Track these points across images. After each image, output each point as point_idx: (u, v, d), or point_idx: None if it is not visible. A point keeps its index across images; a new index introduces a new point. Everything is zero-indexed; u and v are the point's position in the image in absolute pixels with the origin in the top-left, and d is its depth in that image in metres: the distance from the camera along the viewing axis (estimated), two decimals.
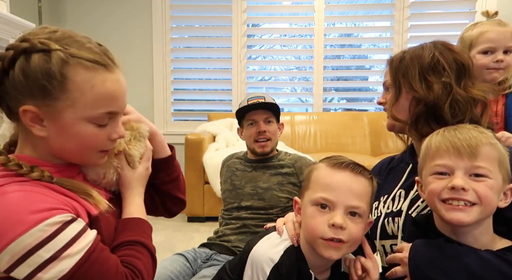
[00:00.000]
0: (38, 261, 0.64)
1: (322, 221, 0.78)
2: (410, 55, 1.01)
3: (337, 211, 0.79)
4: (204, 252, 1.48)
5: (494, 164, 0.76)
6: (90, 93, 0.71)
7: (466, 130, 0.79)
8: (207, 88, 3.86)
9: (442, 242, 0.79)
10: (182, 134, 3.06)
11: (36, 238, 0.64)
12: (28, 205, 0.66)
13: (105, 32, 3.57)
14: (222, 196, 1.69)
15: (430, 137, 0.83)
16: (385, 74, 1.09)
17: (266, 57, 3.88)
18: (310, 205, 0.81)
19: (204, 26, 3.74)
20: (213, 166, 2.63)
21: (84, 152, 0.77)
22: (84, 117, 0.72)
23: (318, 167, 0.85)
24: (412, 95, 0.98)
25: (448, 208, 0.76)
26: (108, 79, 0.74)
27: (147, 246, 0.80)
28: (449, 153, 0.77)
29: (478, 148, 0.75)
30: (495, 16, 1.52)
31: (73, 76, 0.70)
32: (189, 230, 2.63)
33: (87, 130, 0.73)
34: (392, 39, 3.54)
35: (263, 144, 1.58)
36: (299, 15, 3.81)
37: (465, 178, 0.75)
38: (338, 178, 0.81)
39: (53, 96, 0.69)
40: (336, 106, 4.32)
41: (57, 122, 0.72)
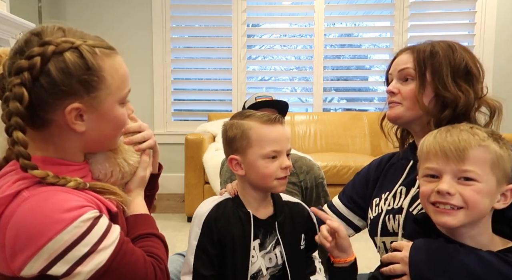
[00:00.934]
0: (77, 255, 0.66)
1: (275, 167, 0.95)
2: (443, 53, 0.98)
3: (284, 156, 0.97)
4: None
5: (485, 166, 0.75)
6: (117, 76, 0.77)
7: (457, 132, 0.78)
8: (207, 88, 3.86)
9: (443, 242, 0.79)
10: (182, 134, 3.06)
11: (74, 234, 0.66)
12: (61, 203, 0.67)
13: (105, 32, 3.56)
14: None
15: (424, 138, 0.84)
16: (403, 63, 1.02)
17: (266, 57, 3.88)
18: (261, 159, 0.95)
19: (204, 26, 3.74)
20: (213, 166, 2.63)
21: (117, 134, 0.83)
22: (117, 100, 0.78)
23: (252, 127, 0.97)
24: (437, 92, 0.97)
25: (436, 211, 0.78)
26: (121, 61, 0.80)
27: (159, 237, 0.86)
28: (437, 157, 0.78)
29: (466, 151, 0.75)
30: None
31: (103, 64, 0.74)
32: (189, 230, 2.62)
33: (120, 111, 0.79)
34: (392, 39, 3.54)
35: None
36: (299, 15, 3.81)
37: (452, 182, 0.76)
38: (278, 131, 0.97)
39: (96, 88, 0.73)
40: (336, 106, 4.32)
41: (98, 112, 0.75)
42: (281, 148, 0.96)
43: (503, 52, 3.44)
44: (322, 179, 1.56)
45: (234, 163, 0.99)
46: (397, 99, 1.02)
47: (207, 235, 0.95)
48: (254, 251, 0.97)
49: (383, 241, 1.01)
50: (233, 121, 1.00)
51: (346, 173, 2.67)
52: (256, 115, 0.99)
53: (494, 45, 3.43)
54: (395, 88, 1.02)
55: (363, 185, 1.17)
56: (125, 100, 0.81)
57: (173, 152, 3.55)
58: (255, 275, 0.96)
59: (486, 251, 0.76)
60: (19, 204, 0.67)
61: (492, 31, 3.42)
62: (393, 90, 1.02)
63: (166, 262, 0.82)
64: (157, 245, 0.83)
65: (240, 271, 0.94)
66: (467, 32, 3.50)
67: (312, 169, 1.58)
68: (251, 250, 0.95)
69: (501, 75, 3.44)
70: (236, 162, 0.99)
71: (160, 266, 0.78)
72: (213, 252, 0.94)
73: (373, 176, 1.15)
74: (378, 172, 1.14)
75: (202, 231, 0.96)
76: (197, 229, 0.97)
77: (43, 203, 0.67)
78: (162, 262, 0.80)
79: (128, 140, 0.88)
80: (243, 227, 0.96)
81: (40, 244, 0.64)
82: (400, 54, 1.05)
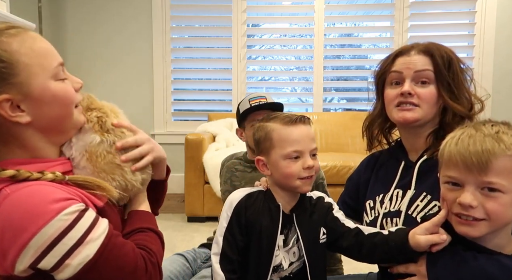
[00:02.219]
0: (64, 249, 0.66)
1: (297, 167, 0.97)
2: (455, 58, 1.01)
3: (307, 156, 0.98)
4: (203, 252, 1.48)
5: (510, 176, 0.71)
6: (34, 53, 0.72)
7: (481, 139, 0.73)
8: (207, 88, 3.86)
9: (460, 251, 0.77)
10: (182, 134, 3.06)
11: (58, 227, 0.65)
12: (44, 197, 0.67)
13: (105, 32, 3.58)
14: (222, 197, 1.69)
15: (445, 142, 0.79)
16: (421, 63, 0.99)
17: (266, 57, 3.88)
18: (282, 159, 0.98)
19: (204, 26, 3.74)
20: (213, 166, 2.63)
21: (69, 111, 0.78)
22: (47, 77, 0.73)
23: (275, 129, 1.00)
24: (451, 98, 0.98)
25: (458, 221, 0.76)
26: (34, 37, 0.74)
27: (156, 232, 0.86)
28: (459, 167, 0.74)
29: (489, 163, 0.70)
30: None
31: (10, 47, 0.70)
32: (189, 230, 2.63)
33: (58, 87, 0.75)
34: (392, 39, 3.54)
35: None
36: (299, 15, 3.81)
37: (474, 193, 0.72)
38: (299, 132, 0.98)
39: (12, 74, 0.70)
40: (336, 106, 4.31)
41: (33, 97, 0.72)
42: (303, 148, 0.98)
43: (503, 52, 3.44)
44: (322, 179, 1.55)
45: (261, 164, 1.03)
46: (415, 101, 0.98)
47: (236, 221, 0.97)
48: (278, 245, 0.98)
49: None
50: (259, 124, 1.05)
51: (346, 173, 2.66)
52: (279, 117, 1.02)
53: (494, 45, 3.43)
54: (412, 89, 0.99)
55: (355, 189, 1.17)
56: (59, 75, 0.76)
57: (173, 152, 3.54)
58: (275, 268, 0.98)
59: (505, 256, 0.74)
60: (1, 202, 0.66)
61: (492, 31, 3.41)
62: (411, 92, 0.98)
63: (159, 257, 0.81)
64: (152, 240, 0.82)
65: (263, 262, 0.95)
66: (467, 32, 3.50)
67: None
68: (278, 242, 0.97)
69: (501, 75, 3.44)
70: (262, 163, 1.03)
71: (152, 260, 0.77)
72: (240, 238, 0.96)
73: (363, 177, 1.14)
74: (367, 173, 1.13)
75: (232, 216, 0.97)
76: (227, 213, 0.98)
77: (25, 198, 0.66)
78: (154, 256, 0.79)
79: (125, 158, 0.83)
80: (272, 218, 0.98)
81: (25, 240, 0.64)
82: (406, 53, 1.02)
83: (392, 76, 1.04)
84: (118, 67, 3.60)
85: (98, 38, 3.59)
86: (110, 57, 3.59)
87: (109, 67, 3.59)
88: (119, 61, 3.60)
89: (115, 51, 3.60)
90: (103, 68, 3.60)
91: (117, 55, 3.60)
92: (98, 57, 3.59)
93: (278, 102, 1.60)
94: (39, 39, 0.75)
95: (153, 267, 0.77)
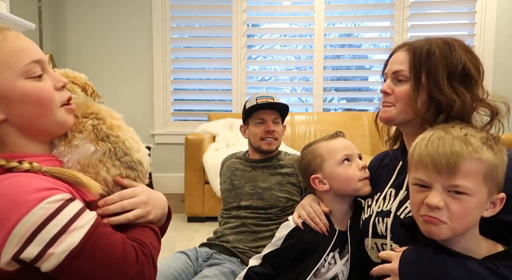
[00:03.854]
0: (47, 237, 0.65)
1: (353, 169, 1.07)
2: (439, 53, 0.94)
3: (357, 159, 1.09)
4: (205, 252, 1.48)
5: (477, 179, 0.72)
6: (2, 51, 0.71)
7: (450, 141, 0.74)
8: (207, 88, 3.86)
9: (431, 253, 0.77)
10: (182, 134, 3.06)
11: (41, 215, 0.65)
12: (26, 186, 0.66)
13: (105, 32, 3.58)
14: (222, 196, 1.69)
15: (416, 143, 0.80)
16: (398, 62, 0.99)
17: (266, 57, 3.88)
18: (337, 166, 1.07)
19: (204, 26, 3.74)
20: (213, 166, 2.63)
21: (47, 110, 0.76)
22: (15, 75, 0.72)
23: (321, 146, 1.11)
24: (431, 95, 0.93)
25: (424, 220, 0.76)
26: (6, 37, 0.73)
27: (153, 229, 0.83)
28: (428, 169, 0.75)
29: (458, 165, 0.71)
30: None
31: None
32: (189, 230, 2.63)
33: (29, 86, 0.73)
34: (392, 39, 3.54)
35: (270, 142, 1.58)
36: (299, 15, 3.81)
37: (442, 195, 0.73)
38: (342, 141, 1.11)
39: None
40: (336, 106, 4.31)
41: (0, 95, 0.71)
42: (351, 152, 1.08)
43: (503, 52, 3.44)
44: None
45: (317, 182, 1.10)
46: (391, 100, 0.99)
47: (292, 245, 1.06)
48: (333, 259, 1.06)
49: (375, 242, 1.00)
50: (303, 152, 1.15)
51: None
52: (318, 139, 1.14)
53: (494, 45, 3.43)
54: (389, 88, 0.99)
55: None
56: (31, 73, 0.73)
57: (173, 152, 3.55)
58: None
59: (476, 262, 0.74)
60: None
61: (492, 31, 3.41)
62: (387, 90, 0.99)
63: (152, 249, 0.78)
64: (145, 233, 0.80)
65: (304, 271, 1.03)
66: (467, 32, 3.50)
67: None
68: (329, 258, 1.05)
69: (501, 75, 3.44)
70: (318, 180, 1.09)
71: (144, 251, 0.75)
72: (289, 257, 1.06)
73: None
74: (372, 173, 1.14)
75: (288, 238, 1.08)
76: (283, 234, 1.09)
77: (8, 188, 0.66)
78: (147, 247, 0.77)
79: (101, 212, 0.77)
80: (325, 243, 1.05)
81: (8, 228, 0.63)
82: (397, 51, 1.02)
83: (384, 77, 1.06)
84: (118, 67, 3.60)
85: (98, 38, 3.59)
86: (110, 57, 3.60)
87: (109, 67, 3.59)
88: (119, 61, 3.60)
89: (115, 51, 3.60)
90: (103, 68, 3.60)
91: (117, 55, 3.60)
92: (98, 57, 3.59)
93: (283, 103, 1.61)
94: (14, 38, 0.74)
95: (146, 258, 0.75)
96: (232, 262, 1.41)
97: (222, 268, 1.35)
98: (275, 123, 1.59)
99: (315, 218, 1.07)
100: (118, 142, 0.83)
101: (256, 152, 1.63)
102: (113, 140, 0.83)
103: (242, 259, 1.44)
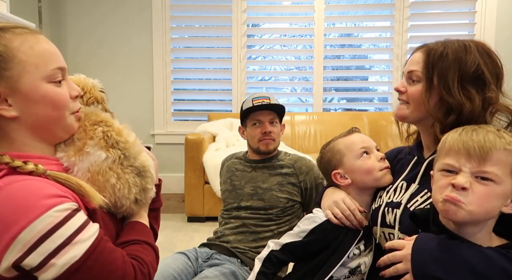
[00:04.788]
0: (51, 247, 0.64)
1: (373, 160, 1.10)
2: (453, 55, 0.95)
3: (375, 151, 1.12)
4: (204, 252, 1.48)
5: (506, 169, 0.75)
6: (32, 53, 0.74)
7: (484, 132, 0.77)
8: (207, 88, 3.86)
9: (445, 239, 0.79)
10: (182, 134, 3.06)
11: (48, 223, 0.64)
12: (36, 191, 0.66)
13: (105, 32, 3.58)
14: (222, 197, 1.69)
15: (448, 134, 0.83)
16: (414, 63, 1.01)
17: (266, 57, 3.88)
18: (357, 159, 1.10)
19: (204, 26, 3.73)
20: (213, 166, 2.63)
21: (60, 114, 0.78)
22: (40, 78, 0.75)
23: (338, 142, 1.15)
24: (441, 96, 0.95)
25: (445, 199, 0.77)
26: (39, 40, 0.76)
27: (152, 246, 0.84)
28: (460, 154, 0.77)
29: (490, 152, 0.75)
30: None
31: (10, 43, 0.72)
32: (189, 230, 2.63)
33: (49, 89, 0.76)
34: (392, 39, 3.54)
35: (268, 143, 1.58)
36: (299, 15, 3.81)
37: (469, 178, 0.75)
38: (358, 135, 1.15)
39: (4, 67, 0.71)
40: (336, 106, 4.31)
41: (21, 93, 0.73)
42: (369, 144, 1.12)
43: (503, 52, 3.41)
44: (322, 179, 1.55)
45: (338, 177, 1.14)
46: (404, 98, 1.03)
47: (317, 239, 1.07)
48: (358, 250, 1.07)
49: (382, 231, 1.03)
50: (322, 151, 1.19)
51: None
52: (335, 137, 1.17)
53: (494, 45, 3.41)
54: (403, 87, 1.03)
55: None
56: (54, 78, 0.77)
57: (173, 152, 3.55)
58: (354, 270, 1.06)
59: (487, 247, 0.76)
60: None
61: (492, 31, 3.41)
62: (400, 89, 1.03)
63: (151, 268, 0.78)
64: (145, 252, 0.80)
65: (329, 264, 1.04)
66: (467, 32, 3.50)
67: (312, 169, 1.58)
68: (354, 249, 1.06)
69: None
70: (340, 175, 1.13)
71: (142, 270, 0.75)
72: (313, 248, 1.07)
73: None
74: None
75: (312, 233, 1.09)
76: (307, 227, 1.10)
77: (17, 191, 0.65)
78: (146, 266, 0.77)
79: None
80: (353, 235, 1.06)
81: (14, 233, 0.63)
82: (416, 50, 1.04)
83: (403, 76, 1.09)
84: (118, 67, 3.60)
85: (98, 38, 3.59)
86: (110, 57, 3.60)
87: (109, 67, 3.59)
88: (119, 61, 3.60)
89: (115, 51, 3.60)
90: (103, 68, 3.60)
91: (117, 55, 3.60)
92: (98, 57, 3.59)
93: (279, 104, 1.60)
94: (44, 42, 0.77)
95: (143, 277, 0.75)
96: (232, 263, 1.41)
97: (222, 268, 1.35)
98: (272, 124, 1.59)
99: (350, 216, 1.06)
100: (127, 147, 0.84)
101: (255, 153, 1.63)
102: (122, 146, 0.83)
103: (242, 260, 1.44)
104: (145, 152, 0.90)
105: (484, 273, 0.73)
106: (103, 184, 0.79)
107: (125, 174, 0.82)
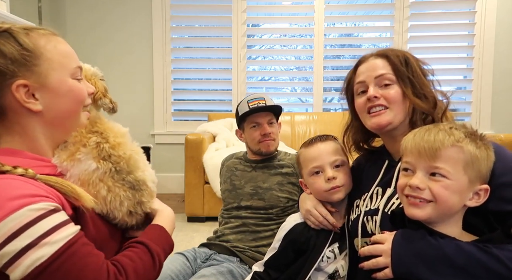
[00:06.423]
0: (19, 246, 0.63)
1: (320, 181, 1.10)
2: (410, 57, 1.02)
3: (328, 169, 1.09)
4: (203, 252, 1.48)
5: (457, 165, 0.79)
6: (56, 51, 0.80)
7: (435, 132, 0.82)
8: (207, 88, 3.86)
9: (424, 233, 0.81)
10: (182, 134, 3.06)
11: (18, 222, 0.63)
12: (11, 191, 0.65)
13: (105, 32, 3.58)
14: (222, 196, 1.69)
15: (407, 136, 0.88)
16: (379, 68, 1.01)
17: (266, 57, 3.88)
18: (309, 177, 1.12)
19: (204, 26, 3.73)
20: (213, 166, 2.63)
21: (78, 108, 0.84)
22: (66, 74, 0.81)
23: (300, 153, 1.16)
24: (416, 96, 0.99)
25: (407, 203, 0.83)
26: (59, 41, 0.83)
27: (150, 249, 0.80)
28: (413, 153, 0.83)
29: (439, 151, 0.79)
30: None
31: (37, 42, 0.78)
32: (189, 230, 2.63)
33: (74, 84, 0.82)
34: (392, 39, 3.54)
35: (268, 143, 1.58)
36: (299, 15, 3.81)
37: (423, 178, 0.81)
38: (315, 149, 1.12)
39: (34, 63, 0.76)
40: (336, 106, 4.31)
41: (48, 87, 0.78)
42: (321, 163, 1.10)
43: (503, 52, 3.44)
44: None
45: (304, 185, 1.19)
46: (383, 103, 0.99)
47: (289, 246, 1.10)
48: (332, 254, 1.08)
49: (365, 241, 1.01)
50: (297, 151, 1.21)
51: None
52: (306, 141, 1.18)
53: (494, 45, 3.43)
54: (377, 93, 1.00)
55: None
56: (76, 75, 0.83)
57: (173, 152, 3.55)
58: (332, 275, 1.07)
59: (466, 243, 0.78)
60: None
61: (492, 31, 3.42)
62: (376, 95, 0.99)
63: (131, 277, 0.73)
64: (136, 258, 0.76)
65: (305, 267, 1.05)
66: (467, 32, 3.50)
67: None
68: (328, 252, 1.07)
69: (500, 75, 3.44)
70: (304, 184, 1.19)
71: (118, 278, 0.71)
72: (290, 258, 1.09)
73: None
74: (360, 169, 1.15)
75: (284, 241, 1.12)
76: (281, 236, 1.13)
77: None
78: (124, 276, 0.72)
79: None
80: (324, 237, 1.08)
81: None
82: (364, 61, 1.05)
83: (357, 87, 1.06)
84: (118, 67, 3.60)
85: (98, 38, 3.59)
86: (110, 57, 3.60)
87: (109, 67, 3.59)
88: (119, 61, 3.60)
89: (115, 51, 3.60)
90: (103, 68, 3.55)
91: (117, 55, 3.60)
92: (98, 57, 3.59)
93: (276, 105, 1.60)
94: (64, 43, 0.84)
95: None
96: (231, 262, 1.41)
97: (219, 267, 1.35)
98: (270, 124, 1.59)
99: (323, 221, 1.10)
100: (120, 161, 0.83)
101: (256, 155, 1.63)
102: (114, 160, 0.83)
103: (241, 258, 1.44)
104: (144, 167, 0.89)
105: (464, 267, 0.75)
106: (94, 195, 0.79)
107: (115, 187, 0.82)
